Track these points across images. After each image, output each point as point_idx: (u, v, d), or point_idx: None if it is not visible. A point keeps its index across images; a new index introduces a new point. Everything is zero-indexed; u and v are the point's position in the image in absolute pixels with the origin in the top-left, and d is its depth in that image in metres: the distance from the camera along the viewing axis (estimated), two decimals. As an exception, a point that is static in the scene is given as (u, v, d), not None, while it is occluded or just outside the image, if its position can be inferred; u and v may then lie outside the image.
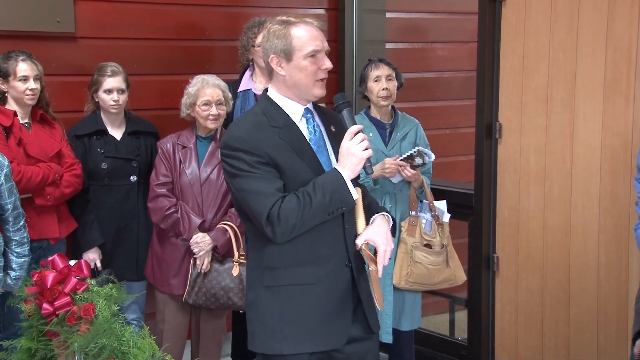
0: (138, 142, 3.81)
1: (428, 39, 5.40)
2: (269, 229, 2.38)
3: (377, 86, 3.82)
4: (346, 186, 2.41)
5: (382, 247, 2.48)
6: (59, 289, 2.97)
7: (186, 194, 3.63)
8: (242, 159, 2.40)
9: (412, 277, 3.80)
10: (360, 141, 2.43)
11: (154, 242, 3.76)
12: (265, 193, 2.38)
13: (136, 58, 4.21)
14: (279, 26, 2.47)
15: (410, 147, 3.88)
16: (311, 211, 2.37)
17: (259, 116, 2.49)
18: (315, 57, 2.45)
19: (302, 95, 2.51)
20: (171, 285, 3.66)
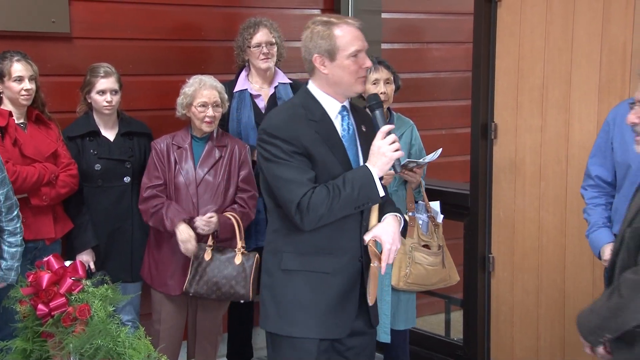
0: (131, 143, 3.80)
1: (424, 39, 5.41)
2: (297, 217, 2.48)
3: (374, 89, 3.81)
4: (374, 183, 2.50)
5: (387, 246, 2.57)
6: (54, 289, 2.97)
7: (181, 195, 3.63)
8: (279, 146, 2.50)
9: (411, 277, 3.81)
10: (392, 142, 2.52)
11: (150, 243, 3.75)
12: (298, 182, 2.48)
13: (131, 58, 4.21)
14: (322, 27, 2.56)
15: (405, 147, 3.89)
16: (339, 203, 2.47)
17: (297, 108, 2.59)
18: (357, 56, 2.55)
19: (344, 92, 2.61)
20: (168, 285, 3.66)
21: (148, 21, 4.27)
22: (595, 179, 3.14)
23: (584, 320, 2.43)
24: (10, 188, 3.14)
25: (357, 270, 2.63)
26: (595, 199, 3.15)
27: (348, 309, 2.62)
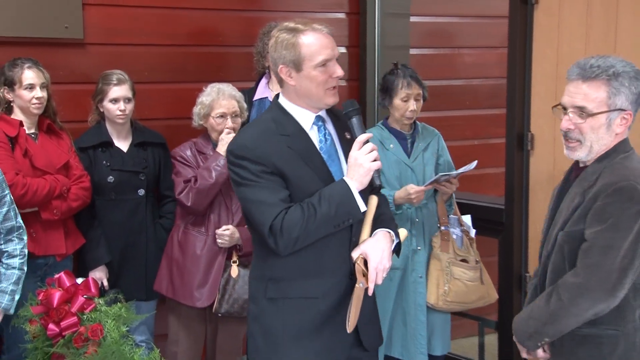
0: (145, 154, 3.83)
1: (454, 44, 5.40)
2: (271, 240, 2.44)
3: (404, 106, 3.82)
4: (353, 198, 2.44)
5: (373, 264, 2.48)
6: (65, 308, 2.99)
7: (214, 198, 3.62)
8: (246, 167, 2.46)
9: (450, 295, 3.80)
10: (369, 151, 2.47)
11: (173, 249, 3.70)
12: (269, 203, 2.43)
13: (147, 65, 4.24)
14: (287, 35, 2.52)
15: (432, 159, 3.90)
16: (315, 223, 2.42)
17: (267, 123, 2.55)
18: (325, 65, 2.51)
19: (314, 104, 2.57)
20: (194, 297, 3.60)
21: (164, 26, 4.31)
22: None
23: (522, 325, 2.53)
24: (12, 209, 3.11)
25: (348, 289, 2.55)
26: None
27: (342, 333, 2.54)
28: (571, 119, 2.43)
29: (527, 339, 2.52)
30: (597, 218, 2.37)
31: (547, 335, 2.47)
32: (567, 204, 2.49)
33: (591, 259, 2.36)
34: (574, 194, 2.49)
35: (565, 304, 2.38)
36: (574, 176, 2.58)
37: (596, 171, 2.45)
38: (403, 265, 3.84)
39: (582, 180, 2.49)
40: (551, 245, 2.51)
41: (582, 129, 2.42)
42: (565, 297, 2.38)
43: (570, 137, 2.45)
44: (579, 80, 2.42)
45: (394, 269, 3.82)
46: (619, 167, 2.42)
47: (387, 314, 3.87)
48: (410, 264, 3.85)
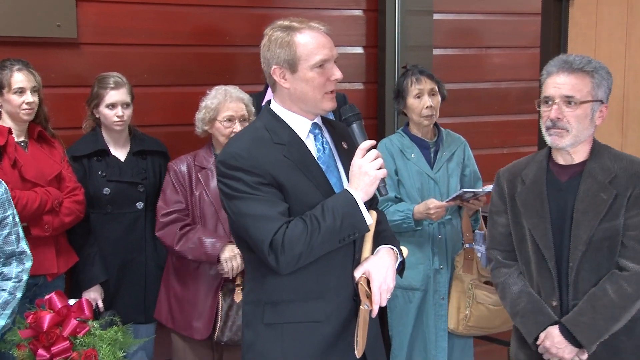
0: (145, 164, 3.83)
1: (482, 44, 5.39)
2: (272, 258, 2.41)
3: (419, 103, 3.82)
4: (359, 209, 2.45)
5: (377, 284, 2.49)
6: (56, 332, 2.99)
7: (210, 221, 3.63)
8: (240, 179, 2.44)
9: (471, 320, 3.80)
10: (374, 159, 2.47)
11: (169, 278, 3.73)
12: (268, 217, 2.41)
13: (146, 67, 4.25)
14: (281, 33, 2.53)
15: (457, 168, 3.90)
16: (320, 237, 2.41)
17: (260, 131, 2.54)
18: (323, 67, 2.51)
19: (310, 109, 2.56)
20: (193, 328, 3.62)
21: (165, 25, 4.31)
22: None
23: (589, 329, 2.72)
24: (14, 231, 3.06)
25: (352, 311, 2.54)
26: None
27: (349, 357, 2.52)
28: (559, 108, 2.73)
29: (596, 340, 2.74)
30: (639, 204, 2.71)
31: (611, 331, 2.74)
32: (587, 203, 2.75)
33: None
34: (592, 191, 2.75)
35: (634, 295, 2.70)
36: (566, 177, 2.82)
37: (605, 164, 2.77)
38: (424, 286, 3.84)
39: (592, 177, 2.76)
40: (584, 245, 2.74)
41: (569, 117, 2.73)
42: (632, 287, 2.70)
43: (559, 125, 2.74)
44: (564, 72, 2.74)
45: (413, 289, 3.83)
46: (625, 156, 2.82)
47: (405, 339, 3.86)
48: (432, 285, 3.85)
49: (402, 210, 3.75)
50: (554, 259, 2.78)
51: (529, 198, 2.86)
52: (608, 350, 2.76)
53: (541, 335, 2.81)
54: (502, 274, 2.97)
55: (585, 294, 2.76)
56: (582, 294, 2.76)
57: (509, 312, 2.93)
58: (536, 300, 2.85)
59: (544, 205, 2.82)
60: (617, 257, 2.74)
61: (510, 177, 2.96)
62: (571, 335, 2.74)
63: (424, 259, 3.84)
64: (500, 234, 2.99)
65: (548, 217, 2.80)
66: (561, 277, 2.80)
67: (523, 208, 2.86)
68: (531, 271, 2.88)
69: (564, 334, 2.76)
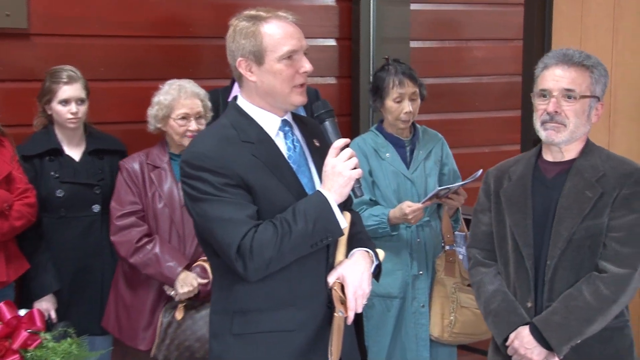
0: (101, 164, 3.82)
1: (462, 36, 5.42)
2: (239, 264, 2.41)
3: (398, 108, 3.82)
4: (332, 212, 2.45)
5: (352, 289, 2.50)
6: (5, 344, 2.97)
7: (163, 224, 3.64)
8: (206, 180, 2.43)
9: (456, 326, 3.81)
10: (348, 158, 2.47)
11: (119, 285, 3.73)
12: (235, 221, 2.41)
13: (103, 60, 4.23)
14: (247, 23, 2.53)
15: (435, 167, 3.91)
16: (291, 242, 2.40)
17: (226, 129, 2.54)
18: (291, 58, 2.50)
19: (278, 104, 2.56)
20: (139, 338, 3.64)
21: (123, 14, 4.29)
22: None
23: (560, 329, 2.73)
24: None
25: (326, 319, 2.54)
26: None
27: None
28: (557, 102, 2.75)
29: (566, 342, 2.74)
30: (628, 206, 2.74)
31: (584, 335, 2.74)
32: (572, 199, 2.77)
33: (632, 248, 2.72)
34: (577, 188, 2.77)
35: (611, 297, 2.71)
36: (553, 173, 2.86)
37: (594, 163, 2.80)
38: (402, 294, 3.84)
39: (579, 174, 2.79)
40: (564, 242, 2.76)
41: (568, 112, 2.76)
42: (610, 290, 2.71)
43: (556, 119, 2.76)
44: (563, 65, 2.77)
45: (391, 297, 3.83)
46: (615, 156, 2.85)
47: (383, 350, 3.87)
48: (410, 292, 3.85)
49: (376, 214, 3.75)
50: (532, 258, 2.81)
51: (513, 194, 2.89)
52: (584, 358, 2.77)
53: (511, 336, 2.82)
54: (479, 273, 3.00)
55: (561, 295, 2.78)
56: (558, 295, 2.77)
57: (482, 312, 2.96)
58: (510, 300, 2.86)
59: (527, 201, 2.85)
60: (597, 259, 2.76)
61: (498, 175, 2.99)
62: (541, 335, 2.75)
63: (401, 264, 3.84)
64: (482, 232, 3.02)
65: (530, 214, 2.83)
66: (538, 278, 2.82)
67: (507, 204, 2.89)
68: (509, 271, 2.90)
69: (534, 334, 2.76)
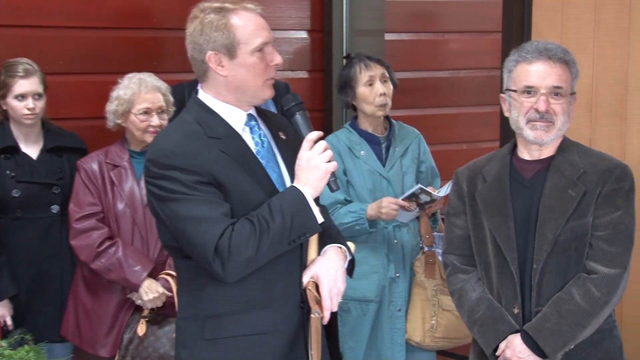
0: (60, 162, 3.81)
1: (439, 28, 5.44)
2: (217, 265, 2.40)
3: (371, 91, 3.83)
4: (309, 207, 2.46)
5: (326, 287, 2.51)
6: (-44, 354, 2.93)
7: (125, 226, 3.64)
8: (176, 178, 2.42)
9: (438, 330, 3.82)
10: (323, 151, 2.48)
11: (78, 290, 3.72)
12: (210, 219, 2.40)
13: (63, 52, 4.21)
14: (215, 15, 2.51)
15: (412, 164, 3.92)
16: (269, 240, 2.41)
17: (191, 125, 2.53)
18: (263, 51, 2.52)
19: (248, 99, 2.57)
20: (101, 344, 3.63)
21: (84, 5, 4.26)
22: None
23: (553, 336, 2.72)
24: None
25: (301, 319, 2.57)
26: None
27: None
28: (544, 99, 2.76)
29: (561, 348, 2.74)
30: (611, 203, 2.76)
31: (578, 340, 2.75)
32: (554, 199, 2.78)
33: (619, 246, 2.75)
34: (559, 187, 2.78)
35: (602, 299, 2.73)
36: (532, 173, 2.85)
37: (573, 159, 2.82)
38: (379, 297, 3.86)
39: (559, 172, 2.80)
40: (549, 245, 2.76)
41: (556, 110, 2.77)
42: (601, 291, 2.73)
43: (546, 118, 2.77)
44: (547, 60, 2.77)
45: (367, 301, 3.84)
46: (595, 152, 2.89)
47: (359, 356, 3.87)
48: (387, 295, 3.86)
49: (354, 210, 3.76)
50: (517, 262, 2.80)
51: (490, 196, 2.88)
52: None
53: (501, 345, 2.80)
54: (459, 281, 2.97)
55: (550, 300, 2.78)
56: (547, 299, 2.78)
57: (466, 321, 2.94)
58: (496, 307, 2.85)
59: (507, 203, 2.84)
60: (584, 260, 2.77)
61: (471, 175, 2.97)
62: (534, 343, 2.75)
63: (378, 267, 3.85)
64: (458, 237, 2.99)
65: (511, 216, 2.82)
66: (524, 282, 2.81)
67: (484, 207, 2.88)
68: (491, 277, 2.89)
69: (527, 342, 2.76)
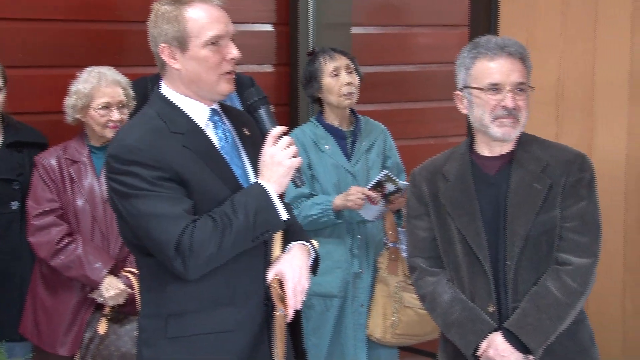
0: (21, 157, 3.79)
1: (406, 22, 5.46)
2: (178, 262, 2.40)
3: (337, 82, 3.85)
4: (273, 204, 2.48)
5: (290, 284, 2.53)
6: None
7: (85, 222, 3.64)
8: (138, 174, 2.42)
9: (399, 327, 3.84)
10: (287, 146, 2.49)
11: (37, 287, 3.71)
12: (172, 216, 2.40)
13: (22, 45, 4.20)
14: (169, 7, 2.52)
15: (378, 159, 3.95)
16: (232, 236, 2.42)
17: (154, 120, 2.53)
18: (217, 44, 2.51)
19: (205, 93, 2.57)
20: (61, 342, 3.63)
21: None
22: None
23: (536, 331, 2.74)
24: None
25: (265, 317, 2.58)
26: None
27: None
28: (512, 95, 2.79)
29: (543, 342, 2.76)
30: (575, 194, 2.80)
31: (558, 332, 2.77)
32: (522, 194, 2.80)
33: (589, 236, 2.80)
34: (525, 182, 2.81)
35: (579, 290, 2.76)
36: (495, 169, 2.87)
37: (535, 153, 2.85)
38: (342, 293, 3.88)
39: (523, 166, 2.83)
40: (521, 240, 2.78)
41: (521, 106, 2.81)
42: (576, 282, 2.76)
43: (513, 114, 2.79)
44: (505, 57, 2.81)
45: (331, 297, 3.87)
46: (554, 144, 2.94)
47: (322, 352, 3.91)
48: (351, 291, 3.89)
49: (320, 202, 3.78)
50: (489, 260, 2.81)
51: (455, 196, 2.88)
52: (552, 355, 2.79)
53: (482, 345, 2.80)
54: (428, 284, 2.95)
55: (526, 295, 2.79)
56: (523, 295, 2.78)
57: (440, 324, 2.93)
58: (471, 307, 2.85)
59: (473, 201, 2.84)
60: (555, 252, 2.79)
61: (429, 176, 2.97)
62: (517, 340, 2.75)
63: (342, 262, 3.88)
64: (422, 239, 2.98)
65: (479, 215, 2.83)
66: (498, 280, 2.82)
67: (450, 207, 2.88)
68: (462, 277, 2.89)
69: (509, 340, 2.76)
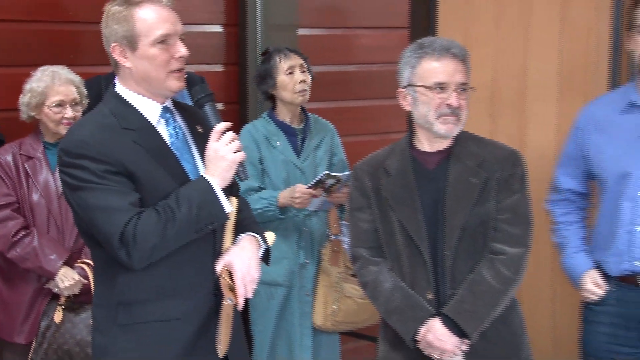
0: (-22, 154, 3.71)
1: (350, 24, 5.45)
2: (123, 252, 2.46)
3: (291, 79, 3.93)
4: (216, 197, 2.52)
5: (239, 274, 2.58)
6: None
7: (40, 216, 3.64)
8: (86, 167, 2.47)
9: (339, 315, 3.93)
10: (230, 141, 2.54)
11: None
12: (117, 208, 2.45)
13: (-25, 44, 4.13)
14: (119, 7, 2.56)
15: (325, 156, 4.02)
16: (175, 228, 2.47)
17: (106, 117, 2.58)
18: (166, 43, 2.55)
19: (155, 90, 2.61)
20: (19, 331, 3.65)
21: (-2, -4, 4.17)
22: (565, 193, 3.31)
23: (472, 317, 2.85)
24: None
25: (214, 307, 2.61)
26: (567, 215, 3.33)
27: (212, 355, 2.58)
28: (457, 95, 2.86)
29: (479, 327, 2.86)
30: (509, 188, 2.90)
31: (492, 317, 2.88)
32: (459, 188, 2.89)
33: (521, 227, 2.91)
34: (462, 176, 2.90)
35: (512, 277, 2.88)
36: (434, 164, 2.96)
37: (471, 149, 2.94)
38: (288, 282, 3.95)
39: (460, 161, 2.92)
40: (459, 231, 2.88)
41: (463, 105, 2.89)
42: (510, 270, 2.87)
43: (456, 113, 2.87)
44: (449, 58, 2.88)
45: (277, 285, 3.92)
46: (486, 140, 3.03)
47: (266, 338, 3.97)
48: (297, 280, 3.96)
49: (265, 197, 3.83)
50: (429, 250, 2.89)
51: (396, 189, 2.95)
52: (485, 339, 2.88)
53: (422, 330, 2.86)
54: (370, 272, 3.01)
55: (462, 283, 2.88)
56: (460, 283, 2.88)
57: (382, 311, 2.98)
58: (411, 295, 2.91)
59: (414, 195, 2.92)
60: (490, 242, 2.89)
61: (371, 170, 3.03)
62: (454, 325, 2.83)
63: (288, 252, 3.95)
64: (365, 230, 3.03)
65: (419, 207, 2.91)
66: (437, 268, 2.90)
67: (392, 200, 2.94)
68: (402, 266, 2.96)
69: (447, 325, 2.84)
